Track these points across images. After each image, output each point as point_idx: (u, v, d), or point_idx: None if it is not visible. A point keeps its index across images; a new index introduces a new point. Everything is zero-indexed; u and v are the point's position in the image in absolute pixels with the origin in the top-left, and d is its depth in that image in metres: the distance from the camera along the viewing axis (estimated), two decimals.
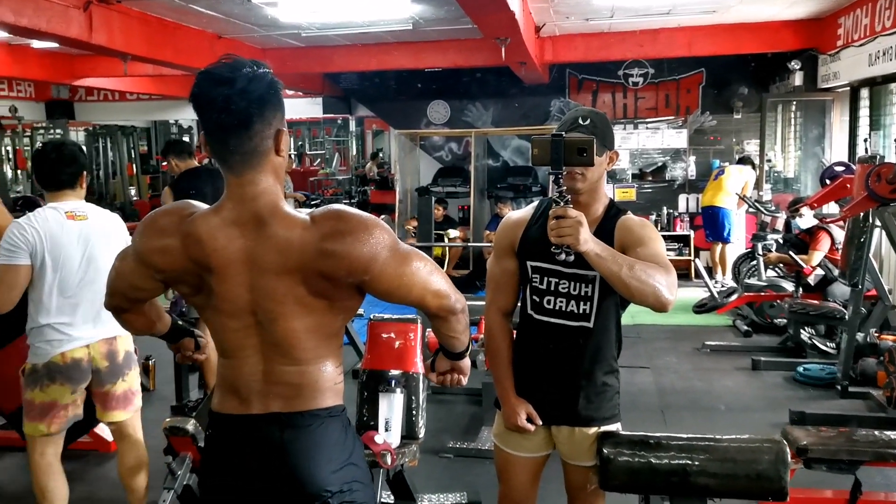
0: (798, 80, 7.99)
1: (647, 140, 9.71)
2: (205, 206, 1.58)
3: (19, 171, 12.40)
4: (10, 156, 12.46)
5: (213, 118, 1.46)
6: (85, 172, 2.90)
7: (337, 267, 1.48)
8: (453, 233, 9.16)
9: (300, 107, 12.84)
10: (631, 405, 2.21)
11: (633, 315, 2.15)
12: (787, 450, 2.09)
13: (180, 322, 1.91)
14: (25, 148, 12.49)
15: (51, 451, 2.82)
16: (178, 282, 1.59)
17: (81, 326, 2.78)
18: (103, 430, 4.06)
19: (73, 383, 2.79)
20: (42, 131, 12.39)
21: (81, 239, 2.81)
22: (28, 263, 2.71)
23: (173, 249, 1.53)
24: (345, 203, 11.08)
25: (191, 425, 2.55)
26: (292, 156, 12.41)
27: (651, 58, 9.09)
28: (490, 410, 4.02)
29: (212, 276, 1.52)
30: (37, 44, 8.41)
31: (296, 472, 1.52)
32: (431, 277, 1.57)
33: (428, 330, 3.84)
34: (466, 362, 1.83)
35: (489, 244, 8.26)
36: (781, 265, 6.57)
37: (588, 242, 1.82)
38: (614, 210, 2.13)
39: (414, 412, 2.90)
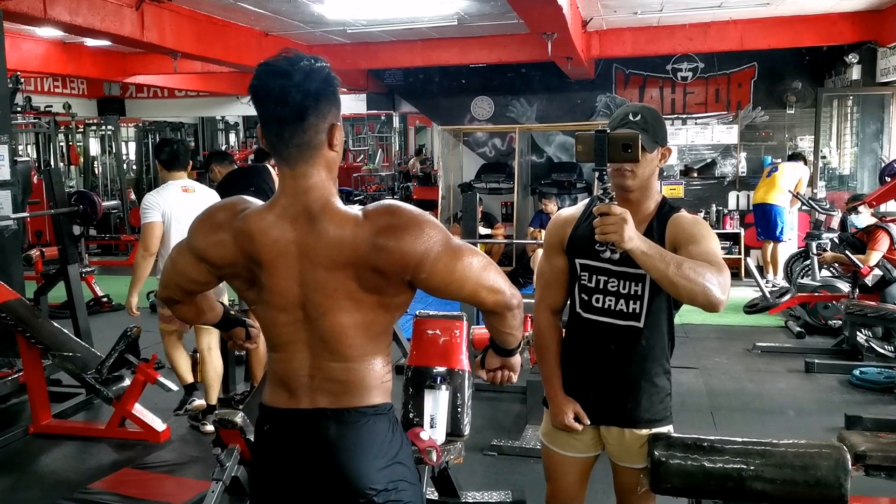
0: (855, 73, 7.74)
1: (695, 136, 9.52)
2: (259, 202, 1.59)
3: (72, 167, 12.72)
4: (64, 151, 12.79)
5: (270, 109, 1.47)
6: (188, 160, 4.16)
7: (390, 262, 1.47)
8: (483, 230, 9.09)
9: (344, 103, 12.50)
10: (679, 406, 2.16)
11: (681, 314, 2.09)
12: (848, 456, 2.01)
13: (232, 312, 1.93)
14: (78, 144, 12.82)
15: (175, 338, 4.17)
16: (232, 276, 1.61)
17: None
18: (154, 421, 4.14)
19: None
20: (94, 128, 12.70)
21: (193, 206, 3.79)
22: (160, 220, 3.89)
23: (226, 244, 1.55)
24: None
25: (239, 418, 2.57)
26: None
27: (701, 52, 8.89)
28: (535, 408, 3.98)
29: (262, 270, 1.53)
30: (90, 42, 8.62)
31: (341, 468, 1.51)
32: (486, 273, 1.54)
33: (473, 327, 3.82)
34: (517, 359, 1.80)
35: (533, 241, 8.21)
36: (837, 265, 6.37)
37: (633, 240, 1.77)
38: (667, 207, 2.08)
39: (459, 409, 2.88)
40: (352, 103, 12.68)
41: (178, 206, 3.92)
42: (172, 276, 1.69)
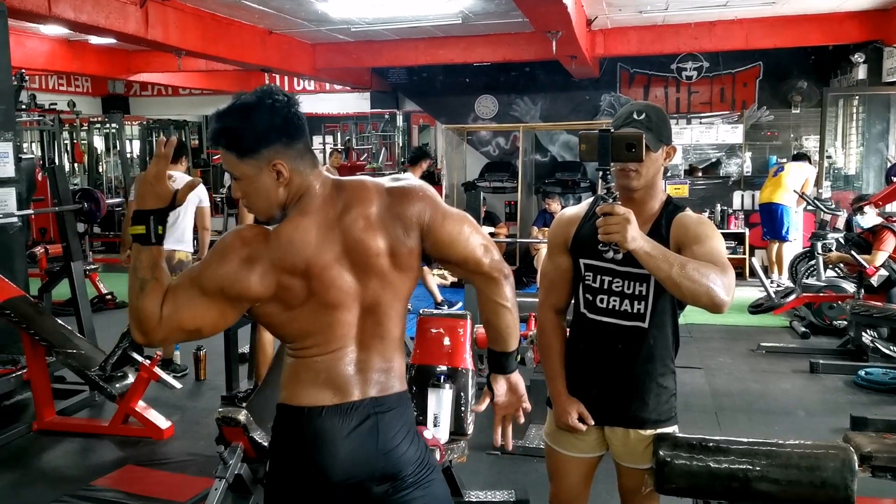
0: (861, 73, 7.72)
1: (700, 135, 9.49)
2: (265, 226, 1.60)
3: (76, 165, 12.72)
4: (69, 149, 12.79)
5: (301, 124, 1.58)
6: (184, 156, 5.28)
7: (409, 212, 1.60)
8: (487, 229, 9.06)
9: (348, 101, 12.93)
10: (683, 406, 2.15)
11: (686, 314, 2.07)
12: (855, 457, 2.00)
13: None
14: (83, 142, 12.81)
15: None
16: (268, 301, 1.55)
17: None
18: (158, 418, 4.15)
19: None
20: (99, 126, 12.70)
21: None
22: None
23: (267, 273, 1.52)
24: None
25: (242, 415, 2.56)
26: (339, 150, 12.47)
27: (706, 51, 8.88)
28: (537, 408, 3.95)
29: (314, 278, 1.54)
30: (94, 40, 8.63)
31: (391, 452, 1.61)
32: (482, 235, 1.69)
33: (477, 326, 3.81)
34: (521, 381, 1.82)
35: (536, 240, 8.20)
36: (842, 265, 6.35)
37: (636, 240, 1.75)
38: (671, 207, 2.06)
39: (462, 408, 2.88)
40: (355, 102, 12.67)
41: None
42: (183, 326, 1.53)
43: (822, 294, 6.11)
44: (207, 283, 1.51)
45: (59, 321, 4.40)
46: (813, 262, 6.68)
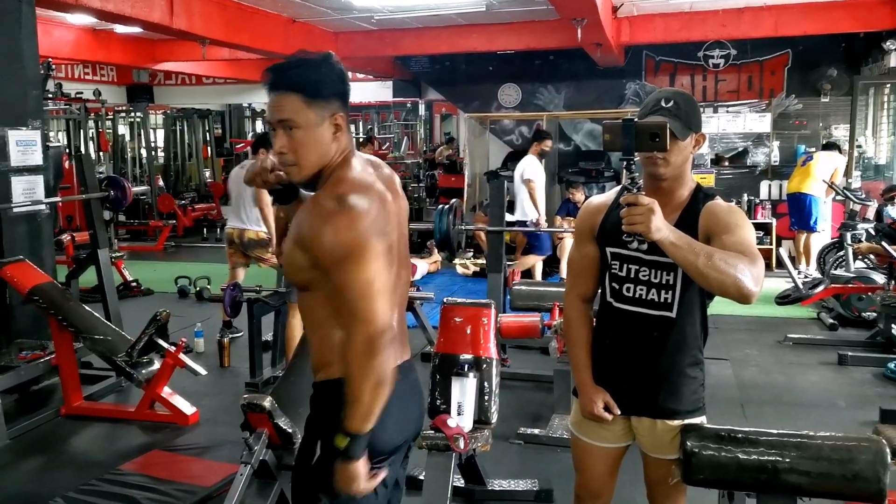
0: (893, 60, 7.55)
1: (727, 124, 9.36)
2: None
3: (102, 153, 12.84)
4: (94, 137, 12.91)
5: (349, 93, 1.67)
6: (262, 149, 5.02)
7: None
8: (510, 217, 8.97)
9: (370, 90, 12.92)
10: (709, 398, 2.12)
11: (711, 304, 2.04)
12: (887, 450, 1.96)
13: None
14: (108, 131, 12.93)
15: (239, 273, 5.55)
16: (386, 252, 1.65)
17: (232, 221, 5.50)
18: (183, 404, 4.19)
19: (228, 245, 5.53)
20: (124, 114, 12.81)
21: (239, 179, 5.29)
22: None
23: (388, 226, 1.67)
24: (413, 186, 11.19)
25: (267, 402, 2.57)
26: (361, 139, 12.47)
27: (734, 38, 8.72)
28: (561, 398, 3.95)
29: (393, 226, 1.69)
30: (120, 28, 8.70)
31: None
32: None
33: (501, 315, 3.79)
34: None
35: (560, 230, 8.14)
36: (872, 256, 6.24)
37: (661, 230, 1.72)
38: (701, 195, 2.02)
39: (486, 397, 2.87)
40: (378, 91, 12.66)
41: (236, 178, 5.49)
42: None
43: (850, 285, 6.02)
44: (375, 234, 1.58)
45: (87, 307, 4.46)
46: (842, 253, 6.57)
